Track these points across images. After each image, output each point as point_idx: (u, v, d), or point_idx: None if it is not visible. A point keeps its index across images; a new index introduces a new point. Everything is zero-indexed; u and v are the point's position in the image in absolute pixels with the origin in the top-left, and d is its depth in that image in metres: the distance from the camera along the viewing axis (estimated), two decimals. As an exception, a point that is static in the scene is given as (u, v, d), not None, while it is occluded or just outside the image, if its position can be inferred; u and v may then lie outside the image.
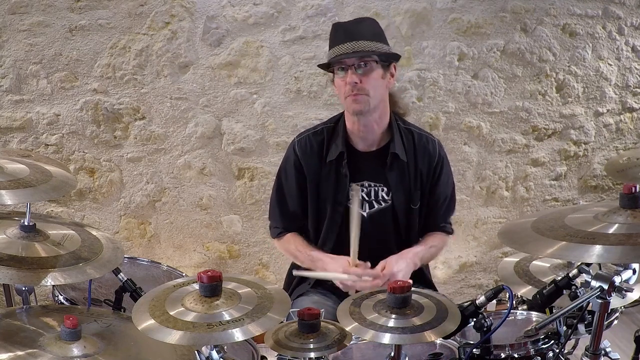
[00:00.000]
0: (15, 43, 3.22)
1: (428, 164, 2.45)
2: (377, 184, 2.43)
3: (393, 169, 2.41)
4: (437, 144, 2.49)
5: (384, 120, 2.40)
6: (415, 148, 2.44)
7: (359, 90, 2.27)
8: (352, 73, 2.26)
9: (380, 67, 2.30)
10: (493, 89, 3.62)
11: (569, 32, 3.63)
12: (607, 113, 3.82)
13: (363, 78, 2.26)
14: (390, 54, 2.34)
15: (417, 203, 2.46)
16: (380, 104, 2.35)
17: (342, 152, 2.39)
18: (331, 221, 2.44)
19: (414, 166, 2.43)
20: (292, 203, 2.50)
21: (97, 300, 2.11)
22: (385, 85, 2.34)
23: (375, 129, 2.39)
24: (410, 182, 2.43)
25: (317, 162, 2.43)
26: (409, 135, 2.45)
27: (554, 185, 3.86)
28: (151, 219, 3.53)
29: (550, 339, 1.86)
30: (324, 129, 2.47)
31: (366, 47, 2.25)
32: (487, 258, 3.88)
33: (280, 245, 2.57)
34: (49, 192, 1.90)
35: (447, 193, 2.52)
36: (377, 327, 1.61)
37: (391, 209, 2.44)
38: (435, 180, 2.47)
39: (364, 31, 2.29)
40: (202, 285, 1.59)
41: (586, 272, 1.71)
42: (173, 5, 3.27)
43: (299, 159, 2.45)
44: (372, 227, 2.37)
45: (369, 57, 2.26)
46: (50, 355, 1.53)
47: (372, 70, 2.28)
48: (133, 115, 3.38)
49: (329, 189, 2.43)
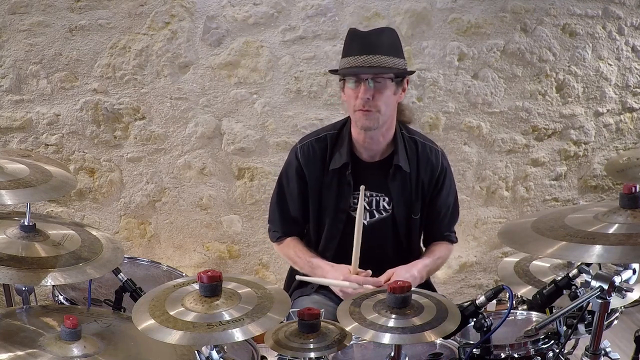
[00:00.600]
0: (15, 43, 3.22)
1: (430, 174, 2.43)
2: (378, 193, 2.41)
3: (395, 179, 2.40)
4: (441, 154, 2.47)
5: (390, 132, 2.38)
6: (419, 158, 2.42)
7: (370, 107, 2.23)
8: (365, 88, 2.21)
9: (394, 84, 2.27)
10: (493, 89, 3.62)
11: (569, 32, 3.63)
12: (607, 113, 3.82)
13: (376, 94, 2.22)
14: (406, 72, 2.30)
15: (417, 213, 2.45)
16: (389, 119, 2.33)
17: (347, 163, 2.37)
18: (332, 229, 2.43)
19: (415, 176, 2.41)
20: (293, 208, 2.48)
21: (97, 300, 2.11)
22: (396, 100, 2.32)
23: (381, 141, 2.37)
24: (412, 193, 2.42)
25: (320, 169, 2.41)
26: (412, 145, 2.43)
27: (554, 185, 3.86)
28: (151, 219, 3.53)
29: (550, 339, 1.86)
30: (327, 135, 2.43)
31: (383, 62, 2.21)
32: (487, 258, 3.88)
33: (280, 250, 2.55)
34: (49, 192, 1.90)
35: (450, 203, 2.51)
36: (377, 327, 1.61)
37: (391, 218, 2.43)
38: (438, 190, 2.46)
39: (383, 45, 2.23)
40: (202, 285, 1.59)
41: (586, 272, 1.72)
42: (173, 5, 3.27)
43: (302, 166, 2.42)
44: (372, 236, 2.35)
45: (385, 73, 2.23)
46: (50, 355, 1.53)
47: (386, 88, 2.24)
48: (133, 115, 3.38)
49: (330, 196, 2.41)
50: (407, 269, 2.33)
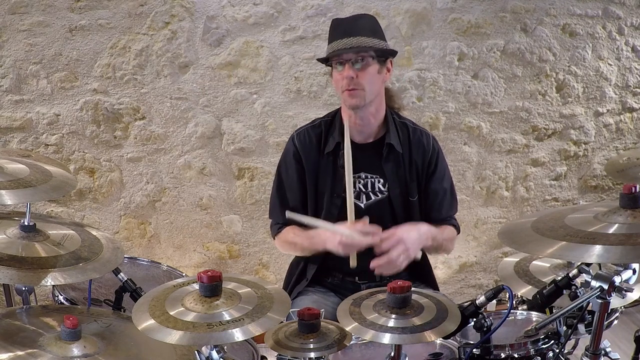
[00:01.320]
0: (15, 43, 3.22)
1: (422, 156, 2.47)
2: (373, 175, 2.45)
3: (389, 160, 2.44)
4: (431, 137, 2.52)
5: (380, 113, 2.44)
6: (410, 141, 2.47)
7: (356, 85, 2.32)
8: (349, 68, 2.31)
9: (377, 63, 2.34)
10: (493, 89, 3.62)
11: (569, 32, 3.63)
12: (607, 113, 3.82)
13: (359, 73, 2.31)
14: (386, 50, 2.37)
15: (414, 195, 2.47)
16: (377, 98, 2.40)
17: (339, 143, 2.42)
18: (329, 213, 2.44)
19: (408, 158, 2.46)
20: (292, 197, 2.50)
21: (97, 300, 2.12)
22: (381, 80, 2.39)
23: (372, 122, 2.43)
24: (406, 173, 2.46)
25: (316, 154, 2.47)
26: (403, 128, 2.49)
27: (554, 185, 3.86)
28: (151, 219, 3.53)
29: (550, 339, 1.86)
30: (322, 122, 2.52)
31: (363, 42, 2.30)
32: (487, 258, 3.89)
33: (279, 240, 2.54)
34: (49, 192, 1.90)
35: (446, 187, 2.53)
36: (377, 327, 1.61)
37: (388, 200, 2.45)
38: (431, 172, 2.49)
39: (362, 27, 2.34)
40: (202, 285, 1.59)
41: (586, 272, 1.71)
42: (173, 5, 3.27)
43: (298, 151, 2.48)
44: (369, 218, 2.35)
45: (366, 52, 2.31)
46: (50, 355, 1.53)
47: (369, 66, 2.32)
48: (133, 115, 3.38)
49: (326, 180, 2.45)
50: (412, 226, 2.31)
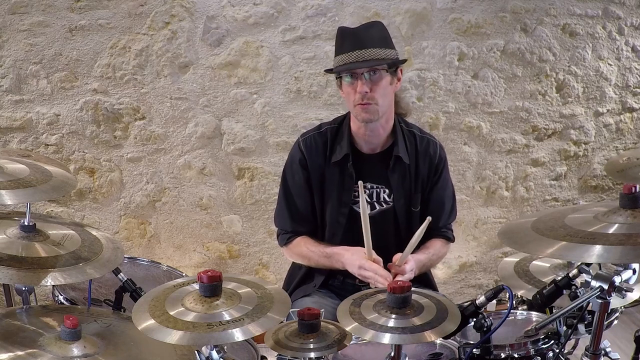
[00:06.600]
0: (15, 43, 3.22)
1: (429, 166, 2.46)
2: (379, 185, 2.43)
3: (395, 170, 2.42)
4: (439, 146, 2.50)
5: (389, 123, 2.42)
6: (417, 150, 2.45)
7: (369, 99, 2.27)
8: (362, 83, 2.26)
9: (389, 74, 2.31)
10: (493, 89, 3.62)
11: (569, 32, 3.63)
12: (607, 113, 3.82)
13: (373, 87, 2.26)
14: (398, 60, 2.34)
15: (417, 206, 2.46)
16: (388, 110, 2.37)
17: (348, 154, 2.39)
18: (335, 223, 2.43)
19: (415, 168, 2.44)
20: (300, 203, 2.47)
21: (97, 300, 2.11)
22: (392, 90, 2.36)
23: (381, 133, 2.40)
24: (411, 185, 2.44)
25: (322, 161, 2.43)
26: (411, 137, 2.46)
27: (554, 185, 3.86)
28: (151, 219, 3.53)
29: (550, 339, 1.86)
30: (328, 129, 2.47)
31: (376, 55, 2.25)
32: (487, 258, 3.88)
33: (290, 251, 2.51)
34: (49, 192, 1.90)
35: (447, 196, 2.52)
36: (377, 327, 1.61)
37: (392, 210, 2.44)
38: (435, 181, 2.48)
39: (373, 38, 2.28)
40: (202, 285, 1.59)
41: (586, 272, 1.71)
42: (173, 5, 3.27)
43: (305, 157, 2.44)
44: (373, 228, 2.35)
45: (379, 65, 2.26)
46: (50, 355, 1.52)
47: (382, 79, 2.28)
48: (133, 115, 3.38)
49: (332, 189, 2.42)
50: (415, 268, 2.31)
